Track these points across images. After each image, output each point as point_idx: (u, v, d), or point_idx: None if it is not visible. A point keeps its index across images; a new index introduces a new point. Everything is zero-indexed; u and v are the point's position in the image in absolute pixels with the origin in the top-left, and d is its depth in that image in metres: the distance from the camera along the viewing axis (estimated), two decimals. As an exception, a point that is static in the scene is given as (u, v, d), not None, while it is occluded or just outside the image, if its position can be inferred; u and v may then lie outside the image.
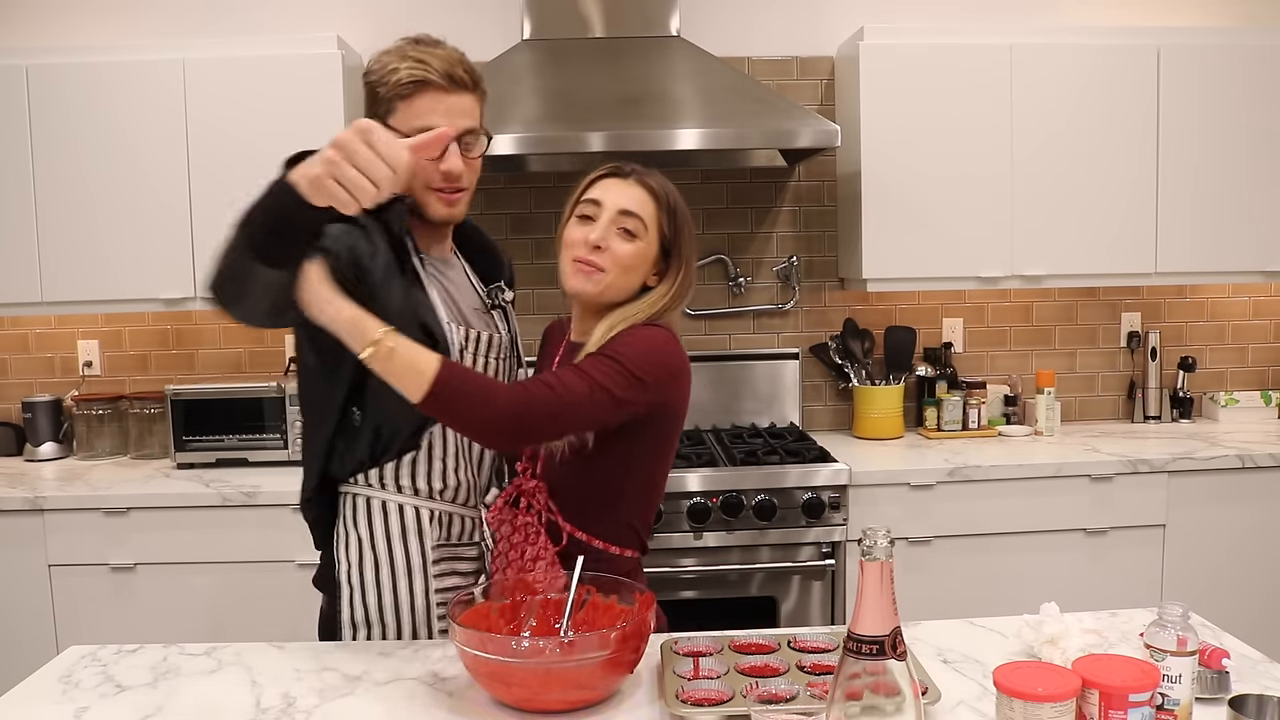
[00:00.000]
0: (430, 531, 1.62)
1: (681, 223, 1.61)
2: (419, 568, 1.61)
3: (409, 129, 1.49)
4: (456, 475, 1.64)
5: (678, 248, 1.60)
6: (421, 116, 1.51)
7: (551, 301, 3.40)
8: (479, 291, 1.74)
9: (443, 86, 1.52)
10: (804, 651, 1.44)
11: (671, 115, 2.86)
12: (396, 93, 1.52)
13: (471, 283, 1.74)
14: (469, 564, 1.69)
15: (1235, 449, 2.99)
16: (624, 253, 1.56)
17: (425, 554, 1.61)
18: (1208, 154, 3.12)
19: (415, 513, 1.61)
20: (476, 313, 1.69)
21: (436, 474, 1.62)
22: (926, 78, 3.05)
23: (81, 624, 2.74)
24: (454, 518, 1.66)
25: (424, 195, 1.57)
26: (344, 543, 1.62)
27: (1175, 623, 1.22)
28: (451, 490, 1.64)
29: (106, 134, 2.94)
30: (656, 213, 1.59)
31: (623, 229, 1.56)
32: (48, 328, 3.36)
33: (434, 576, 1.62)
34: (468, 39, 3.28)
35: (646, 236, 1.58)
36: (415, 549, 1.61)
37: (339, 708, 1.36)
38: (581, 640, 1.27)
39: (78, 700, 1.40)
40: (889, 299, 3.44)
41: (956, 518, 2.85)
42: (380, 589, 1.60)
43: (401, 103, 1.52)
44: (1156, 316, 3.54)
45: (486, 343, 1.65)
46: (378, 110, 1.54)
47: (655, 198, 1.59)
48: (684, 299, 1.62)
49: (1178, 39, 3.10)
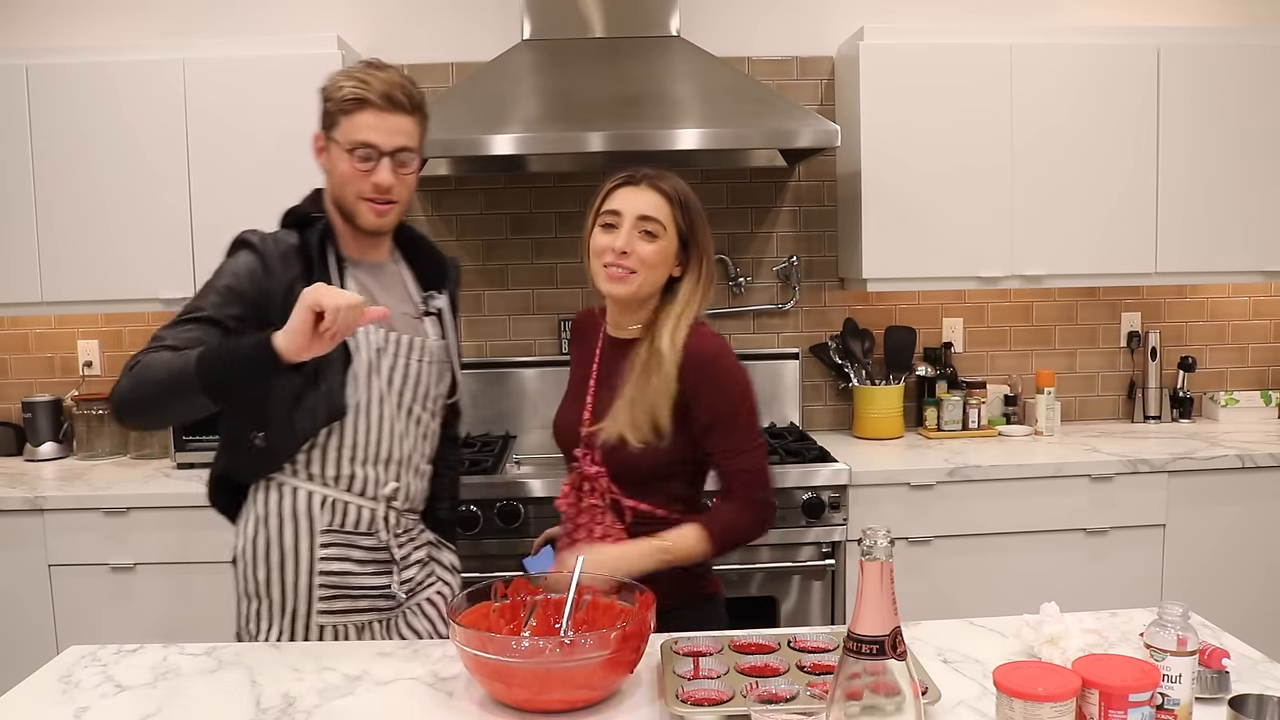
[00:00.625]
0: (320, 517, 1.71)
1: (695, 216, 1.75)
2: (306, 550, 1.70)
3: (347, 141, 1.66)
4: (352, 466, 1.72)
5: (695, 239, 1.75)
6: (358, 131, 1.66)
7: (551, 301, 3.40)
8: (414, 298, 1.84)
9: (381, 106, 1.66)
10: (804, 651, 1.44)
11: (671, 115, 2.86)
12: (340, 108, 1.67)
13: (409, 290, 1.84)
14: (363, 553, 1.75)
15: (1235, 449, 2.99)
16: (648, 253, 1.71)
17: (314, 537, 1.71)
18: (1207, 154, 3.12)
19: (308, 497, 1.71)
20: (406, 318, 1.79)
21: (331, 463, 1.71)
22: (926, 77, 3.05)
23: (81, 624, 2.73)
24: (349, 506, 1.73)
25: (356, 204, 1.70)
26: (244, 519, 1.75)
27: (1175, 623, 1.22)
28: (346, 480, 1.72)
29: (107, 134, 2.94)
30: (671, 211, 1.73)
31: (644, 232, 1.71)
32: (48, 328, 3.36)
33: (320, 560, 1.70)
34: (468, 39, 3.34)
35: (666, 235, 1.72)
36: (305, 531, 1.71)
37: (339, 708, 1.36)
38: (581, 640, 1.27)
39: (78, 700, 1.40)
40: (889, 299, 3.44)
41: (956, 518, 2.85)
42: (269, 564, 1.71)
43: (344, 117, 1.67)
44: (1156, 316, 3.54)
45: (408, 346, 1.76)
46: (323, 120, 1.70)
47: (668, 198, 1.73)
48: (712, 284, 1.78)
49: (1177, 39, 3.10)
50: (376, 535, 1.75)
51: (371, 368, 1.71)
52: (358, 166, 1.66)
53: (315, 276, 1.64)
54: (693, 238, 1.74)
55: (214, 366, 1.50)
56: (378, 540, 1.75)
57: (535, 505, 2.72)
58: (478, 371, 3.32)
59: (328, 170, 1.72)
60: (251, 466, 1.73)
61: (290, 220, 1.73)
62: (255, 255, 1.65)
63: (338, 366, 1.66)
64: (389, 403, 1.74)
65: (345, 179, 1.68)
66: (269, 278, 1.63)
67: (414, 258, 1.87)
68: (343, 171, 1.68)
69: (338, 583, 1.72)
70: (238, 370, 1.50)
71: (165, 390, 1.52)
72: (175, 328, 1.59)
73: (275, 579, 1.71)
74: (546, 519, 2.71)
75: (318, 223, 1.70)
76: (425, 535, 1.88)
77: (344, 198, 1.70)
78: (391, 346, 1.73)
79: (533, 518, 2.72)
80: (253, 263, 1.64)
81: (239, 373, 1.50)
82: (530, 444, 3.28)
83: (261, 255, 1.65)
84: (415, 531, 1.85)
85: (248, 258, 1.65)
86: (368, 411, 1.71)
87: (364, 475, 1.73)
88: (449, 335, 1.86)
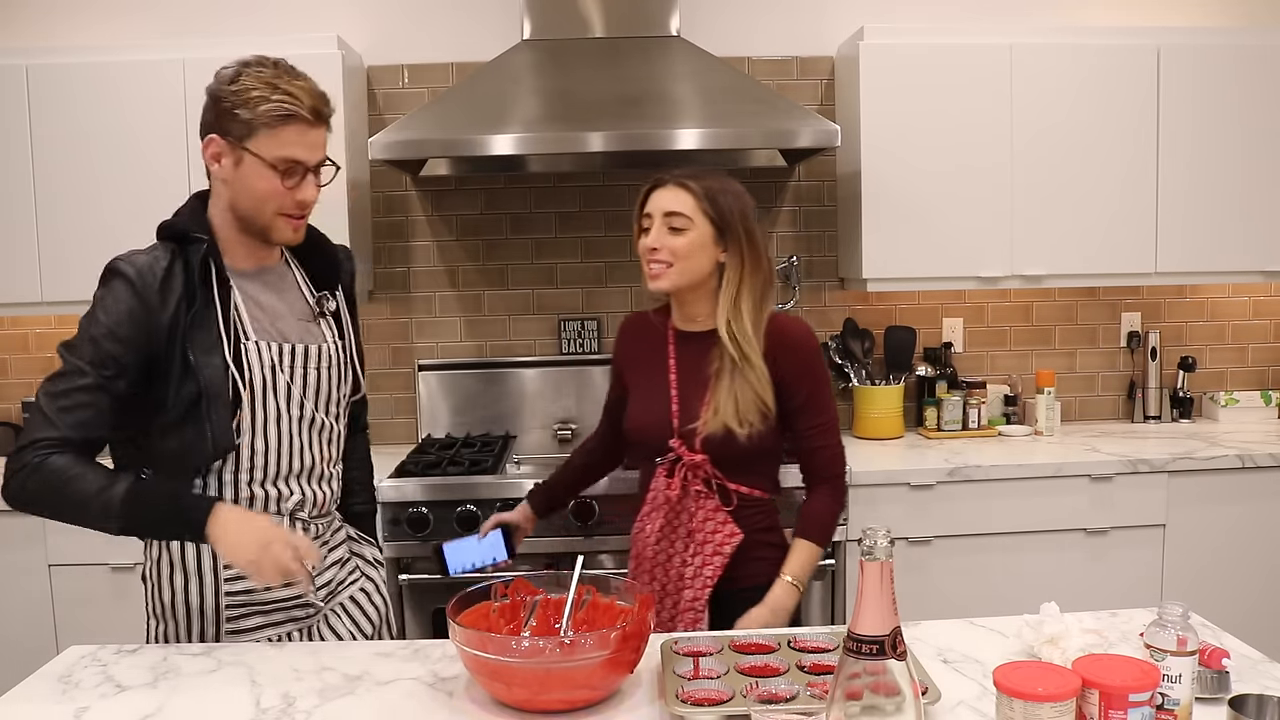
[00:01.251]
0: None
1: (726, 202, 1.84)
2: (209, 570, 1.65)
3: (272, 157, 1.57)
4: (251, 488, 1.66)
5: (729, 223, 1.83)
6: (285, 147, 1.58)
7: (551, 301, 3.40)
8: (309, 300, 1.76)
9: (309, 121, 1.59)
10: (804, 651, 1.44)
11: (671, 115, 2.86)
12: (263, 121, 1.56)
13: (303, 292, 1.77)
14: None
15: (1235, 449, 2.99)
16: (677, 246, 1.82)
17: (217, 558, 1.64)
18: (1208, 154, 3.12)
19: None
20: (301, 324, 1.72)
21: (228, 486, 1.64)
22: (926, 77, 3.05)
23: (81, 624, 2.74)
24: None
25: (274, 220, 1.63)
26: (149, 542, 1.69)
27: (1175, 623, 1.22)
28: (246, 501, 1.66)
29: (107, 134, 2.94)
30: (696, 202, 1.82)
31: (671, 227, 1.83)
32: (48, 328, 3.36)
33: (225, 580, 1.65)
34: (468, 39, 3.34)
35: (694, 226, 1.82)
36: (207, 550, 1.64)
37: (339, 708, 1.36)
38: (581, 640, 1.27)
39: (78, 700, 1.40)
40: (889, 299, 3.44)
41: (956, 518, 2.85)
42: (173, 586, 1.66)
43: (267, 130, 1.57)
44: (1156, 316, 3.54)
45: (304, 355, 1.69)
46: (231, 128, 1.57)
47: (691, 191, 1.83)
48: (760, 265, 1.86)
49: (1177, 39, 3.10)
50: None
51: (267, 387, 1.64)
52: (283, 184, 1.59)
53: (198, 299, 1.58)
54: (726, 223, 1.83)
55: (139, 518, 1.53)
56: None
57: (535, 505, 2.72)
58: (478, 371, 3.32)
59: (230, 180, 1.61)
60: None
61: (166, 234, 1.63)
62: (131, 292, 1.55)
63: (222, 401, 1.59)
64: (287, 418, 1.67)
65: (265, 195, 1.59)
66: (148, 314, 1.55)
67: (304, 256, 1.78)
68: (261, 188, 1.59)
69: (246, 600, 1.66)
70: (163, 532, 1.57)
71: (78, 511, 1.52)
72: (60, 400, 1.52)
73: (180, 600, 1.65)
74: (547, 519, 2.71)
75: (199, 244, 1.60)
76: (341, 534, 1.83)
77: (258, 213, 1.61)
78: (287, 360, 1.66)
79: (533, 518, 2.71)
80: (130, 302, 1.55)
81: (164, 534, 1.57)
82: (530, 444, 3.28)
83: (137, 291, 1.55)
84: (329, 534, 1.79)
85: (125, 296, 1.55)
86: (264, 432, 1.64)
87: (264, 494, 1.66)
88: (347, 334, 1.80)
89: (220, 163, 1.61)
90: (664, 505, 1.88)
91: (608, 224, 3.38)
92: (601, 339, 3.40)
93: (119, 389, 1.55)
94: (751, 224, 1.85)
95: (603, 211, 3.38)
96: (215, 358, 1.59)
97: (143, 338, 1.55)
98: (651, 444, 1.91)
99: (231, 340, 1.60)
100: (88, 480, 1.51)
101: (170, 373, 1.56)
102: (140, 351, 1.55)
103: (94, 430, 1.54)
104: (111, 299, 1.56)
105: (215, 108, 1.59)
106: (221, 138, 1.59)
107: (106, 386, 1.53)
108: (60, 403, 1.52)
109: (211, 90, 1.60)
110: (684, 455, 1.84)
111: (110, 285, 1.58)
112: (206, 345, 1.58)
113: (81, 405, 1.52)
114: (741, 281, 1.84)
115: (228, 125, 1.58)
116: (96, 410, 1.53)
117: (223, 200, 1.64)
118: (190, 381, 1.57)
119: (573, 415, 3.32)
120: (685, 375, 1.89)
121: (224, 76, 1.59)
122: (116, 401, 1.55)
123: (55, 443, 1.51)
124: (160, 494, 1.56)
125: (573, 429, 3.29)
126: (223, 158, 1.60)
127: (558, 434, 3.29)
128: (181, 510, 1.54)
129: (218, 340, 1.59)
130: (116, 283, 1.57)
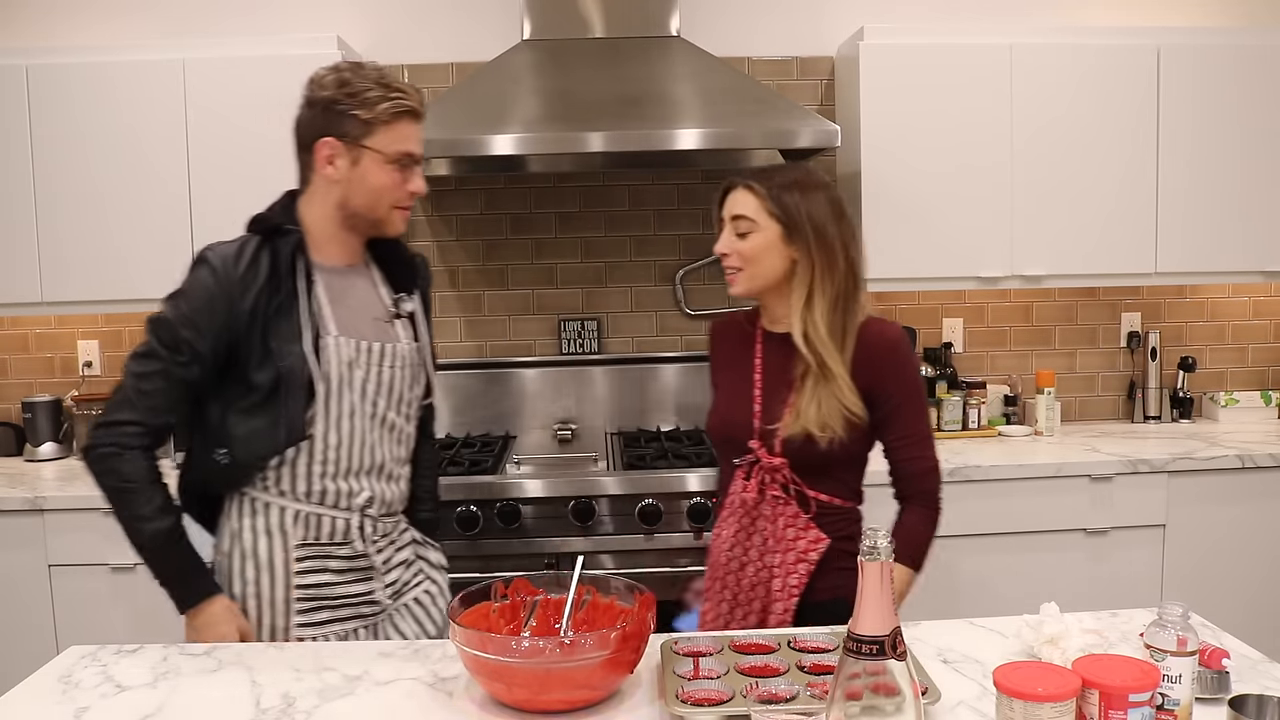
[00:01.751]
0: (294, 531, 1.71)
1: (793, 200, 1.76)
2: (281, 564, 1.70)
3: (391, 151, 1.67)
4: (323, 481, 1.71)
5: (796, 223, 1.76)
6: (402, 141, 1.68)
7: (551, 301, 3.40)
8: (385, 301, 1.82)
9: (419, 115, 1.71)
10: (804, 651, 1.44)
11: (671, 115, 2.86)
12: (382, 118, 1.65)
13: (380, 293, 1.82)
14: (341, 563, 1.75)
15: (1235, 449, 2.99)
16: (744, 249, 1.78)
17: (288, 551, 1.71)
18: (1208, 154, 3.12)
19: (280, 512, 1.71)
20: (377, 323, 1.77)
21: (301, 479, 1.70)
22: (926, 78, 3.05)
23: (81, 624, 2.73)
24: (323, 519, 1.72)
25: (389, 213, 1.72)
26: (220, 532, 1.75)
27: (1175, 623, 1.22)
28: (318, 495, 1.71)
29: (107, 134, 2.93)
30: (760, 203, 1.77)
31: (738, 232, 1.78)
32: (48, 328, 3.36)
33: (296, 573, 1.70)
34: (468, 39, 3.34)
35: (759, 228, 1.77)
36: (279, 546, 1.70)
37: (339, 708, 1.36)
38: (581, 640, 1.27)
39: (78, 700, 1.40)
40: (889, 299, 3.44)
41: (956, 518, 2.81)
42: (245, 580, 1.71)
43: (385, 127, 1.66)
44: (1156, 316, 3.54)
45: (380, 353, 1.74)
46: (348, 129, 1.66)
47: (755, 193, 1.78)
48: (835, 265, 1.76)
49: (1177, 39, 3.10)
50: (352, 545, 1.74)
51: (343, 381, 1.69)
52: (400, 176, 1.68)
53: (283, 289, 1.65)
54: (793, 222, 1.75)
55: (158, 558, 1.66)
56: (354, 549, 1.74)
57: (535, 505, 2.72)
58: (478, 371, 3.32)
59: (344, 179, 1.68)
60: (220, 479, 1.72)
61: (258, 228, 1.70)
62: (214, 280, 1.63)
63: (299, 391, 1.65)
64: (361, 414, 1.71)
65: (383, 189, 1.68)
66: (229, 301, 1.63)
67: (383, 259, 1.84)
68: (381, 182, 1.67)
69: (315, 594, 1.71)
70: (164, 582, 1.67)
71: (121, 515, 1.65)
72: (142, 382, 1.63)
73: (251, 593, 1.70)
74: (546, 519, 2.72)
75: (290, 235, 1.68)
76: (408, 535, 1.87)
77: (374, 207, 1.70)
78: (363, 356, 1.71)
79: (532, 518, 2.72)
80: (211, 289, 1.63)
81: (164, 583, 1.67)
82: (530, 444, 3.28)
83: (220, 278, 1.63)
84: (396, 534, 1.83)
85: (208, 283, 1.64)
86: (338, 426, 1.69)
87: (336, 488, 1.71)
88: (421, 337, 1.84)
89: (335, 164, 1.67)
90: (740, 509, 1.81)
91: (608, 224, 3.39)
92: (601, 339, 3.40)
93: (193, 374, 1.64)
94: (823, 222, 1.75)
95: (603, 211, 3.38)
96: (295, 347, 1.65)
97: (221, 323, 1.63)
98: (731, 444, 1.84)
99: (311, 333, 1.66)
100: (142, 499, 1.63)
101: (249, 359, 1.64)
102: (218, 336, 1.63)
103: (168, 415, 1.65)
104: (194, 286, 1.65)
105: (327, 112, 1.66)
106: (337, 139, 1.66)
107: (180, 372, 1.63)
108: (141, 385, 1.64)
109: (321, 97, 1.67)
110: (763, 458, 1.77)
111: (195, 272, 1.67)
112: (287, 335, 1.65)
113: (158, 390, 1.63)
114: (813, 283, 1.75)
115: (344, 126, 1.65)
116: (170, 396, 1.64)
117: (330, 199, 1.70)
118: (268, 368, 1.63)
119: (572, 415, 3.32)
120: (770, 376, 1.82)
121: (328, 83, 1.66)
122: (190, 387, 1.65)
123: (134, 429, 1.63)
124: (184, 556, 1.67)
125: (573, 429, 3.29)
126: (337, 159, 1.67)
127: (558, 434, 3.29)
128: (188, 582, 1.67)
129: (298, 331, 1.66)
130: (201, 269, 1.66)
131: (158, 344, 1.64)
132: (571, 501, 2.71)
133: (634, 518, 2.72)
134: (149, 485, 1.64)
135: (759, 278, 1.79)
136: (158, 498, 1.64)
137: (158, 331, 1.65)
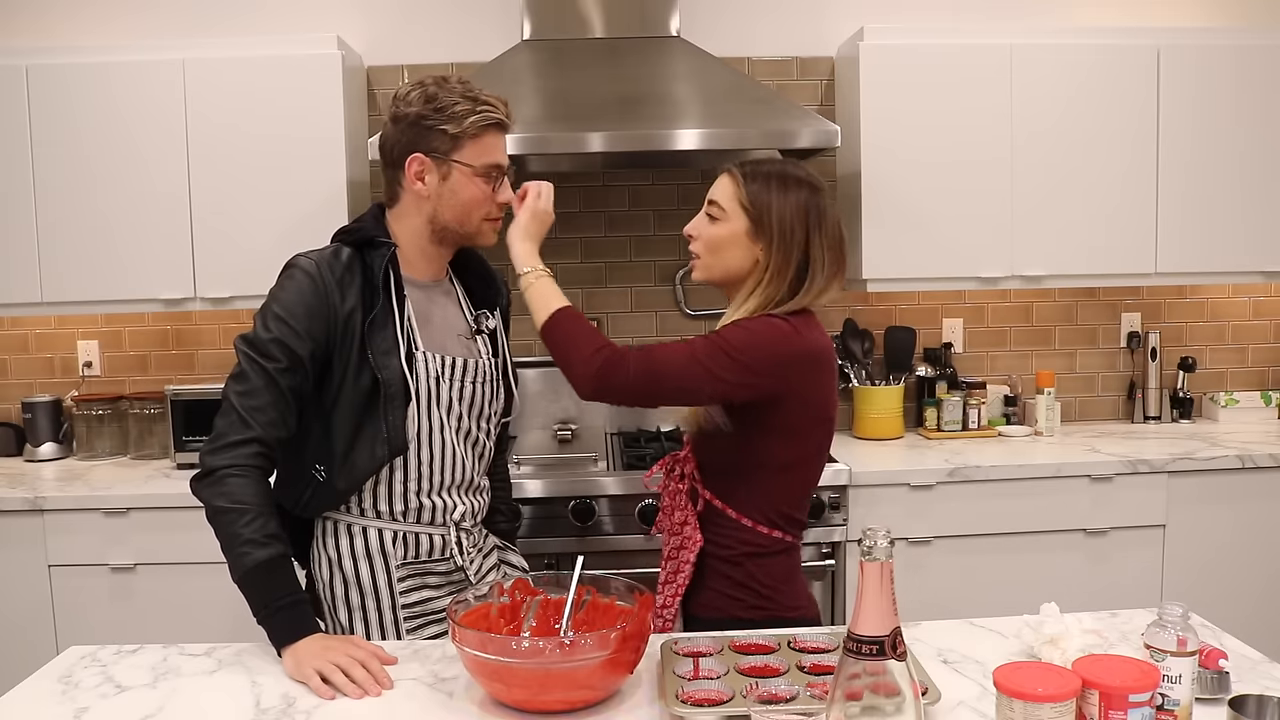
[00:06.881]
0: (394, 552, 1.71)
1: (765, 195, 1.64)
2: (385, 586, 1.70)
3: (480, 164, 1.66)
4: (419, 498, 1.71)
5: (761, 219, 1.64)
6: (490, 154, 1.67)
7: (551, 302, 3.39)
8: (467, 317, 1.83)
9: (506, 126, 1.70)
10: (804, 652, 1.44)
11: (671, 116, 2.86)
12: (471, 132, 1.64)
13: (463, 308, 1.83)
14: (439, 578, 1.75)
15: (1235, 449, 2.99)
16: (708, 235, 1.69)
17: (390, 572, 1.70)
18: (1208, 154, 3.12)
19: (379, 534, 1.70)
20: (460, 339, 1.78)
21: (398, 497, 1.70)
22: (926, 78, 3.05)
23: (81, 624, 2.73)
24: (420, 537, 1.73)
25: (481, 226, 1.72)
26: (317, 562, 1.73)
27: (1175, 623, 1.22)
28: (414, 512, 1.71)
29: (107, 134, 2.93)
30: (735, 190, 1.67)
31: (709, 215, 1.69)
32: (48, 328, 3.36)
33: (400, 593, 1.70)
34: (468, 39, 3.34)
35: (728, 217, 1.67)
36: (380, 568, 1.70)
37: (339, 708, 1.36)
38: (581, 640, 1.27)
39: (78, 701, 1.40)
40: (889, 299, 3.44)
41: (956, 518, 2.85)
42: (350, 605, 1.71)
43: (473, 141, 1.65)
44: (1156, 317, 3.54)
45: (463, 368, 1.74)
46: (437, 144, 1.65)
47: (734, 179, 1.68)
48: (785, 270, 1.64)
49: (1177, 39, 3.10)
50: (451, 560, 1.75)
51: (431, 397, 1.69)
52: (489, 188, 1.68)
53: (377, 303, 1.64)
54: (760, 218, 1.64)
55: (254, 585, 1.52)
56: (452, 564, 1.75)
57: (535, 506, 2.72)
58: (478, 372, 3.32)
59: (434, 194, 1.67)
60: (313, 501, 1.70)
61: (350, 239, 1.68)
62: (310, 284, 1.61)
63: (399, 402, 1.64)
64: (449, 429, 1.72)
65: (475, 202, 1.67)
66: (326, 305, 1.61)
67: (465, 276, 1.86)
68: (472, 195, 1.67)
69: (420, 610, 1.72)
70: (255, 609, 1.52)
71: (222, 538, 1.54)
72: (249, 399, 1.57)
73: (359, 618, 1.70)
74: (546, 520, 2.72)
75: (383, 248, 1.66)
76: (490, 540, 1.89)
77: (465, 221, 1.69)
78: (449, 372, 1.72)
79: (532, 518, 2.71)
80: (307, 293, 1.60)
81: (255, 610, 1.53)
82: (530, 444, 3.28)
83: (315, 283, 1.61)
84: (483, 540, 1.86)
85: (304, 287, 1.61)
86: (429, 442, 1.70)
87: (432, 504, 1.72)
88: (502, 353, 1.85)
89: (424, 180, 1.66)
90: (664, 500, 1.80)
91: (608, 224, 3.38)
92: (601, 339, 3.39)
93: (295, 382, 1.60)
94: (789, 224, 1.63)
95: (603, 211, 3.38)
96: (393, 359, 1.64)
97: (319, 327, 1.60)
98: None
99: (405, 347, 1.66)
100: (255, 523, 1.52)
101: (346, 368, 1.62)
102: (316, 340, 1.60)
103: (281, 429, 1.60)
104: (288, 291, 1.62)
105: (415, 128, 1.65)
106: (426, 155, 1.65)
107: (285, 380, 1.59)
108: (248, 402, 1.57)
109: (407, 113, 1.65)
110: (685, 449, 1.77)
111: (289, 277, 1.64)
112: (384, 348, 1.64)
113: (268, 404, 1.58)
114: (759, 284, 1.65)
115: (433, 142, 1.64)
116: (280, 407, 1.59)
117: (421, 214, 1.69)
118: (365, 376, 1.62)
119: (572, 416, 3.32)
120: None
121: (413, 99, 1.64)
122: (295, 396, 1.61)
123: (251, 449, 1.55)
124: (285, 585, 1.54)
125: (573, 429, 3.29)
126: (427, 175, 1.66)
127: (558, 434, 3.29)
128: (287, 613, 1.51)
129: (395, 344, 1.65)
130: (295, 274, 1.63)
131: (257, 355, 1.59)
132: (571, 502, 2.71)
133: (634, 518, 2.72)
134: (262, 509, 1.54)
135: (716, 269, 1.69)
136: (270, 524, 1.54)
137: (253, 345, 1.60)
